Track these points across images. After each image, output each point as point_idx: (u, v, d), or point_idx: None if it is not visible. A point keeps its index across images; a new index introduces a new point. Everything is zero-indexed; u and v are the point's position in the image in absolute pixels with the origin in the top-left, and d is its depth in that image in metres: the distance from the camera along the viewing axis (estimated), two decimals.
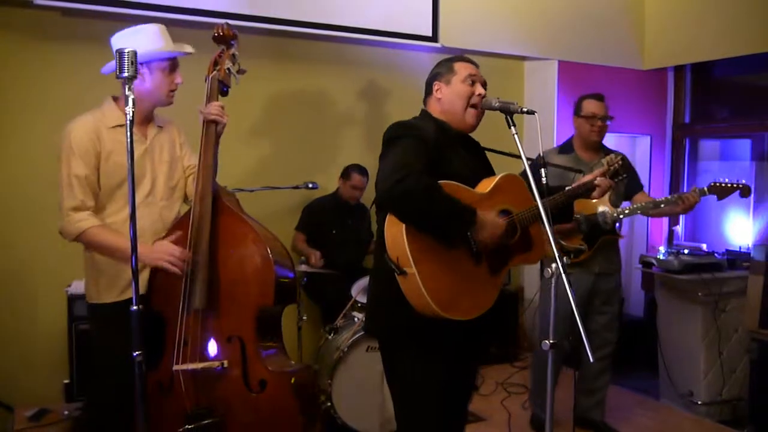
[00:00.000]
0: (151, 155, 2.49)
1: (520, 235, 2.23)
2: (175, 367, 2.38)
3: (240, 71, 2.59)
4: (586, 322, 3.50)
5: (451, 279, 2.05)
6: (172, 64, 2.44)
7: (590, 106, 3.45)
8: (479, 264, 2.13)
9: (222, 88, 2.56)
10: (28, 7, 3.45)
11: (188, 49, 2.49)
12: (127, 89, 1.93)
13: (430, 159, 2.09)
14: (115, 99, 2.46)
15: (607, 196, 2.69)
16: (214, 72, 2.54)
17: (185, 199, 2.66)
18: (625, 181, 3.31)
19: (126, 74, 1.91)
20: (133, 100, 1.94)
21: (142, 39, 2.35)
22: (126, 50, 1.90)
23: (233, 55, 2.57)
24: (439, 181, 2.05)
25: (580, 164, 3.36)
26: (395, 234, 2.01)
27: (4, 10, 3.51)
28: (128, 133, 1.94)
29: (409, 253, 1.97)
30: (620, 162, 2.56)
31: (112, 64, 2.29)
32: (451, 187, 2.07)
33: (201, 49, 2.61)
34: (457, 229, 2.03)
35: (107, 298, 2.41)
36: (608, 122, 3.45)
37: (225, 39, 2.56)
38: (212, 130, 2.49)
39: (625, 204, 3.46)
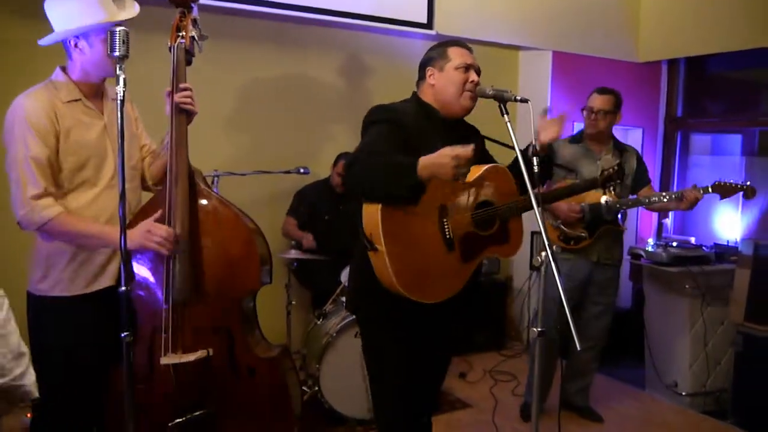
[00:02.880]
0: (111, 132, 2.24)
1: (498, 227, 2.24)
2: (164, 361, 2.23)
3: (202, 37, 2.33)
4: (579, 310, 3.55)
5: (418, 261, 2.09)
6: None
7: (589, 100, 3.50)
8: (451, 250, 2.15)
9: (188, 59, 2.31)
10: None
11: (129, 12, 2.22)
12: (118, 69, 1.89)
13: (405, 142, 2.11)
14: (64, 69, 2.23)
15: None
16: (180, 40, 2.26)
17: (143, 183, 2.47)
18: (626, 182, 3.45)
19: (117, 53, 1.86)
20: (124, 79, 1.89)
21: (76, 6, 2.14)
22: (118, 29, 1.86)
23: (195, 19, 2.31)
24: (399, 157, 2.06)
25: (588, 154, 3.49)
26: (371, 211, 2.05)
27: None
28: (119, 113, 1.91)
29: (381, 231, 2.01)
30: (614, 169, 2.56)
31: (53, 36, 2.16)
32: None
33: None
34: (405, 178, 1.96)
35: (70, 291, 2.20)
36: (608, 116, 3.45)
37: (185, 1, 2.31)
38: (184, 121, 2.27)
39: (630, 197, 3.50)
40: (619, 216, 3.45)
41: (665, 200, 3.27)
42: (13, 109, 2.12)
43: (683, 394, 4.06)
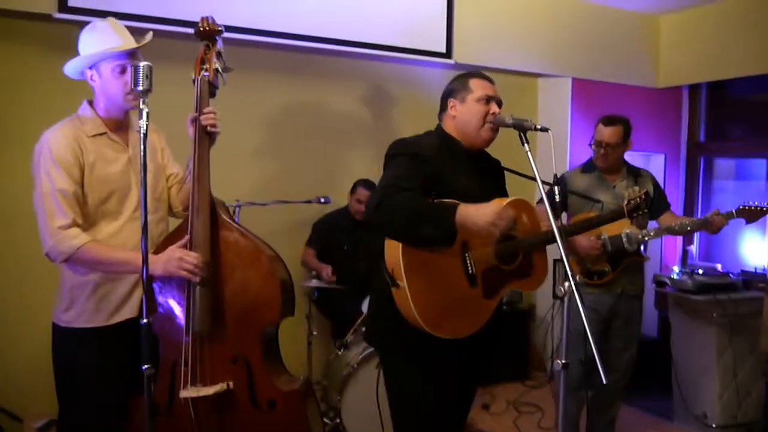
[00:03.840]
0: (135, 164, 2.25)
1: (522, 261, 2.21)
2: (183, 394, 2.21)
3: (226, 69, 2.37)
4: (604, 343, 3.46)
5: (441, 297, 2.06)
6: (122, 65, 2.19)
7: (596, 132, 3.40)
8: (473, 286, 2.13)
9: (212, 90, 2.35)
10: (49, 21, 3.48)
11: (143, 40, 2.25)
12: (141, 103, 1.91)
13: (428, 175, 2.10)
14: (91, 103, 2.28)
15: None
16: (203, 73, 2.29)
17: (170, 211, 2.49)
18: (646, 214, 3.19)
19: (141, 88, 1.89)
20: (147, 113, 1.91)
21: (90, 38, 2.21)
22: (141, 64, 1.90)
23: (219, 52, 2.35)
24: (441, 200, 2.06)
25: (602, 183, 3.40)
26: (393, 247, 2.04)
27: (24, 23, 3.54)
28: (141, 147, 1.92)
29: (402, 266, 2.00)
30: (641, 198, 2.51)
31: (70, 64, 2.23)
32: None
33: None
34: (440, 226, 1.99)
35: (93, 322, 2.21)
36: (617, 149, 3.35)
37: (210, 34, 2.33)
38: (206, 141, 2.27)
39: (652, 224, 3.40)
40: (641, 246, 3.37)
41: (689, 228, 3.21)
42: (39, 144, 2.17)
43: (713, 426, 3.94)
